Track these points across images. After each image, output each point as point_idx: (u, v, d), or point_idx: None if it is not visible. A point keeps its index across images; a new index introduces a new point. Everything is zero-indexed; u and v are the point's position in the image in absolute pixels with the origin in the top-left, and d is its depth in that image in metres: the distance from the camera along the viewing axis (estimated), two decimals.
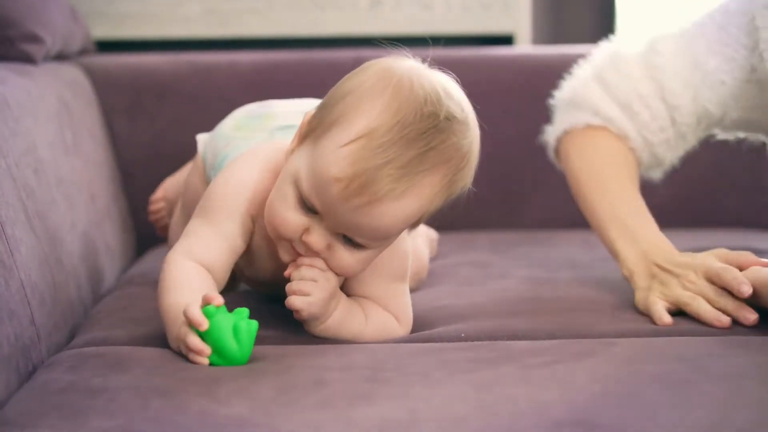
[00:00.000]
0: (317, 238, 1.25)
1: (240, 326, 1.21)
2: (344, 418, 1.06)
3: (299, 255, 1.28)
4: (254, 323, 1.23)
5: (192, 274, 1.30)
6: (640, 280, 1.48)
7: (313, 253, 1.27)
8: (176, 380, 1.15)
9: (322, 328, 1.32)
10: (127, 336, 1.36)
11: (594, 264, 1.76)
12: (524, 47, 2.36)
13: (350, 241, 1.26)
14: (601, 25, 2.54)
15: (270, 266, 1.37)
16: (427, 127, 1.22)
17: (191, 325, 1.21)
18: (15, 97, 1.56)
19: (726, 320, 1.37)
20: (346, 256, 1.27)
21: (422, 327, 1.39)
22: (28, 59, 1.79)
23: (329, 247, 1.26)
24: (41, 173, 1.54)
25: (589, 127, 1.64)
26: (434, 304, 1.52)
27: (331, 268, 1.28)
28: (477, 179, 1.85)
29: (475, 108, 2.16)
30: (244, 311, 1.23)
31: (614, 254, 1.53)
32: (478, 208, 2.10)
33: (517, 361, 1.21)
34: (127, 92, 2.12)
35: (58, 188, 1.60)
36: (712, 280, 1.41)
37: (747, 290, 1.36)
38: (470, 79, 2.16)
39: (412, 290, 1.54)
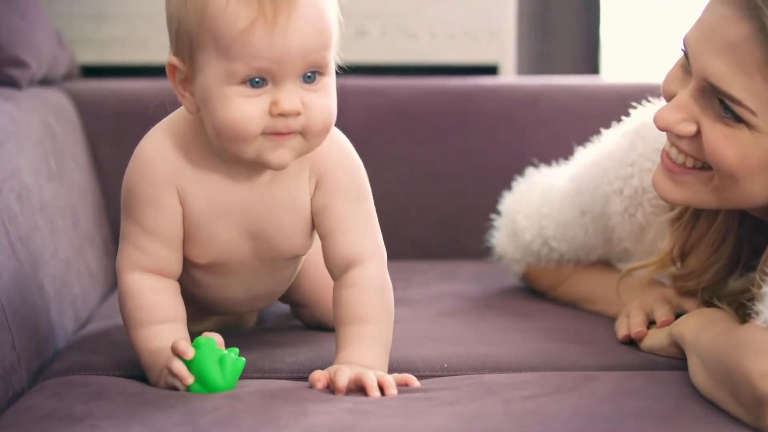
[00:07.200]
0: (287, 100, 1.20)
1: (226, 358, 1.22)
2: None
3: (282, 135, 1.21)
4: (242, 360, 1.24)
5: (152, 297, 1.29)
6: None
7: (293, 118, 1.20)
8: (158, 409, 1.15)
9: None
10: (108, 361, 1.36)
11: None
12: (509, 77, 2.37)
13: (309, 78, 1.21)
14: (586, 56, 2.56)
15: (228, 239, 1.32)
16: None
17: (177, 353, 1.21)
18: None
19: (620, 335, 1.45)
20: (319, 98, 1.22)
21: (404, 357, 1.38)
22: (12, 84, 1.79)
23: (302, 102, 1.21)
24: (24, 198, 1.54)
25: None
26: (417, 333, 1.52)
27: (311, 124, 1.22)
28: (460, 209, 1.86)
29: (459, 137, 2.16)
30: (234, 350, 1.24)
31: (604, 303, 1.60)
32: (461, 237, 2.11)
33: (500, 394, 1.21)
34: (111, 118, 2.11)
35: (41, 214, 1.59)
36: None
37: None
38: (455, 109, 2.18)
39: None
